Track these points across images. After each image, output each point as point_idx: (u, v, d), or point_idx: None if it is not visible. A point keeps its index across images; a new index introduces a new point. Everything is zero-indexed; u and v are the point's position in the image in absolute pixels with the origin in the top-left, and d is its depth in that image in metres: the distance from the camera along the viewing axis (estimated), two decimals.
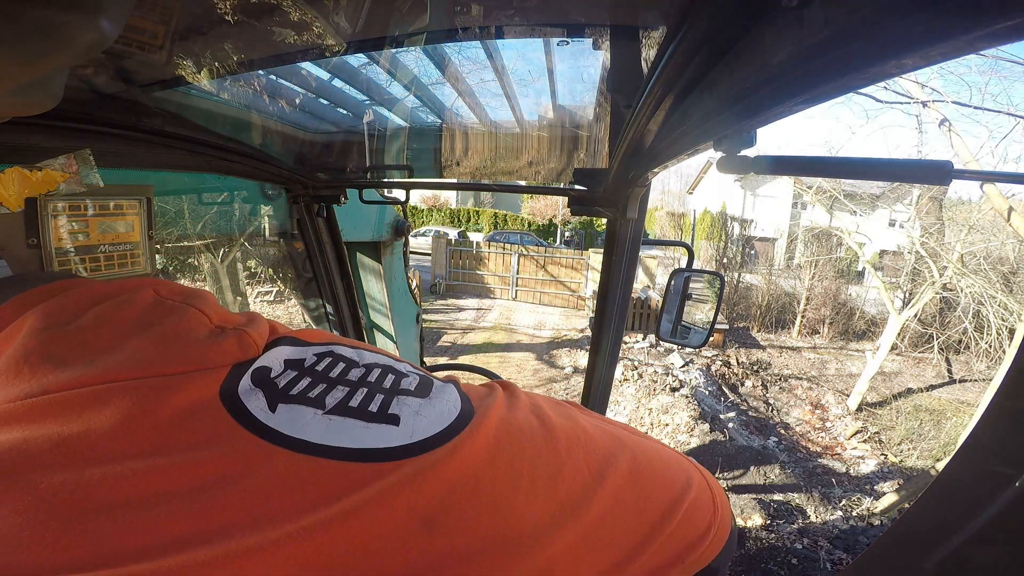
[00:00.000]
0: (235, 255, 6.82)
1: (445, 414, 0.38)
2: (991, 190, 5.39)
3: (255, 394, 0.36)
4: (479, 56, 1.00)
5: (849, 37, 0.35)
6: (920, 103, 5.88)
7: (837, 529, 4.03)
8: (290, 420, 0.34)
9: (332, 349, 0.43)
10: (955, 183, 0.42)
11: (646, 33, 0.70)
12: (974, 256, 8.01)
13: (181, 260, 9.30)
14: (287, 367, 0.40)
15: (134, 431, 0.32)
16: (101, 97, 0.87)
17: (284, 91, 1.22)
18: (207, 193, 1.62)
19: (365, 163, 1.51)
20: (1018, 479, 0.29)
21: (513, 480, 0.36)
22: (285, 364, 0.40)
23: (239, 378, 0.37)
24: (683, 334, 1.46)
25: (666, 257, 12.22)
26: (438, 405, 0.39)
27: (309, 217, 1.74)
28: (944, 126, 5.95)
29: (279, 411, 0.35)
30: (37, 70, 0.39)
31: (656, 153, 0.85)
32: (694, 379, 7.79)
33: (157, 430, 0.32)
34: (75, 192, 0.86)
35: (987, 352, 8.08)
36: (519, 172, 1.45)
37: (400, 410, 0.37)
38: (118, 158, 1.00)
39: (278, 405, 0.36)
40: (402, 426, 0.36)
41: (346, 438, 0.34)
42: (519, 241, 15.63)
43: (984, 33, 0.26)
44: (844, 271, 13.12)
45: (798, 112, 0.44)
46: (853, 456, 6.54)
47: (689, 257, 1.49)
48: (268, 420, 0.34)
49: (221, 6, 0.64)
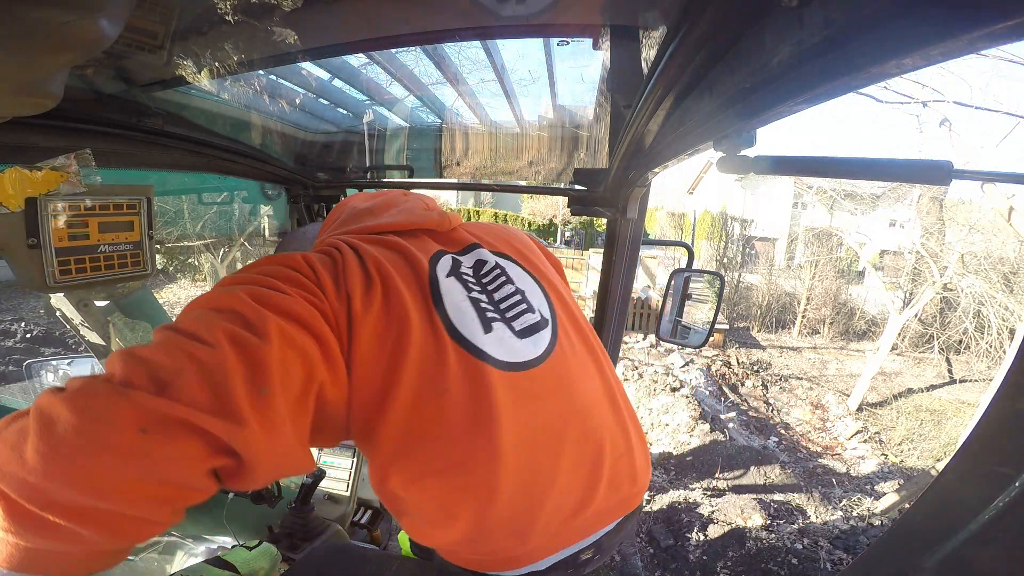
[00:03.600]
0: (235, 255, 6.83)
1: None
2: (991, 190, 5.39)
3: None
4: (479, 56, 1.00)
5: (849, 37, 0.35)
6: (920, 103, 5.88)
7: (837, 529, 4.03)
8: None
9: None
10: (956, 183, 0.42)
11: (646, 33, 0.70)
12: (974, 256, 8.01)
13: (181, 260, 9.33)
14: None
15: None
16: (101, 97, 0.87)
17: (284, 91, 1.22)
18: (207, 193, 1.62)
19: (365, 163, 1.51)
20: (1018, 479, 0.29)
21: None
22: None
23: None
24: (683, 334, 1.46)
25: (666, 257, 12.20)
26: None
27: (309, 217, 1.74)
28: (944, 126, 5.95)
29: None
30: (37, 70, 0.39)
31: (656, 153, 0.85)
32: (694, 379, 7.78)
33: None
34: (75, 192, 0.86)
35: (987, 352, 8.08)
36: (519, 172, 1.45)
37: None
38: (118, 158, 1.00)
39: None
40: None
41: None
42: None
43: (984, 33, 0.26)
44: (844, 271, 13.11)
45: (798, 112, 0.43)
46: (853, 456, 6.54)
47: (689, 257, 1.49)
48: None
49: (221, 6, 0.64)
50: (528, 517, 0.61)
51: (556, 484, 0.62)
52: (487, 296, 0.68)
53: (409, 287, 0.61)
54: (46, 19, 0.33)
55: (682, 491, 4.66)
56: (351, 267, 0.59)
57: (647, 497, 4.55)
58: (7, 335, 6.36)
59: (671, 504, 4.38)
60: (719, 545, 3.66)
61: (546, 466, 0.62)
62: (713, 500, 4.40)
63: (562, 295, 0.79)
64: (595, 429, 0.68)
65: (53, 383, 1.88)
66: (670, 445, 5.72)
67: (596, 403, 0.70)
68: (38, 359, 1.80)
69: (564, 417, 0.65)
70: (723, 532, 3.82)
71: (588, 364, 0.73)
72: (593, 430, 0.67)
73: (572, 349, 0.72)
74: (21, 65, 0.37)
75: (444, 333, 0.60)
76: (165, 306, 3.10)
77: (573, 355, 0.71)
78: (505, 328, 0.66)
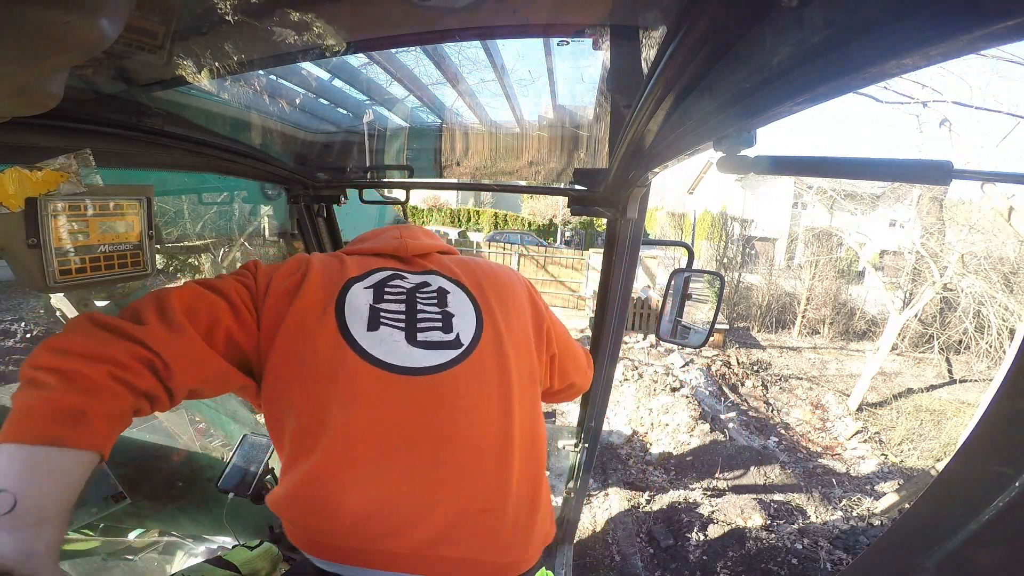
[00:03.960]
0: (235, 255, 6.82)
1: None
2: (991, 190, 5.39)
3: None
4: (479, 56, 1.00)
5: (849, 37, 0.35)
6: (920, 103, 5.87)
7: (837, 529, 4.03)
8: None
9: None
10: (956, 183, 0.42)
11: (646, 33, 0.70)
12: (974, 256, 8.00)
13: (181, 260, 9.31)
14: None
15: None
16: (101, 97, 0.87)
17: (284, 91, 1.22)
18: (207, 193, 1.62)
19: (365, 163, 1.51)
20: (1018, 479, 0.29)
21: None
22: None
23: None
24: (683, 334, 1.45)
25: (666, 257, 12.20)
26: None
27: (309, 217, 1.74)
28: (944, 126, 5.95)
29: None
30: (37, 70, 0.39)
31: (656, 153, 0.85)
32: (694, 379, 7.78)
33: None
34: (75, 192, 0.86)
35: (987, 352, 8.07)
36: (519, 172, 1.45)
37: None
38: (118, 158, 1.00)
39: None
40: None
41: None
42: (519, 241, 15.61)
43: (984, 33, 0.26)
44: (844, 271, 13.10)
45: (798, 112, 0.43)
46: (853, 456, 6.53)
47: (689, 257, 1.49)
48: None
49: (221, 6, 0.64)
50: (338, 502, 0.60)
51: (379, 489, 0.61)
52: (404, 308, 0.74)
53: (326, 283, 0.74)
54: (46, 19, 0.33)
55: (682, 491, 4.66)
56: (290, 263, 0.77)
57: (647, 497, 4.55)
58: (7, 335, 6.36)
59: (671, 504, 4.38)
60: (719, 545, 3.66)
61: (381, 467, 0.61)
62: (713, 500, 4.40)
63: (502, 338, 0.76)
64: (458, 465, 0.64)
65: None
66: (670, 445, 5.72)
67: (475, 443, 0.66)
68: None
69: (423, 433, 0.64)
70: (723, 532, 3.82)
71: (492, 406, 0.69)
72: (454, 464, 0.63)
73: (478, 383, 0.69)
74: (21, 65, 0.37)
75: (332, 314, 0.70)
76: None
77: (477, 389, 0.69)
78: (398, 334, 0.70)
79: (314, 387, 0.65)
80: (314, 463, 0.62)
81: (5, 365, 5.36)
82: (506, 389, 0.71)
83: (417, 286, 0.79)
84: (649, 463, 5.42)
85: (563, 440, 1.53)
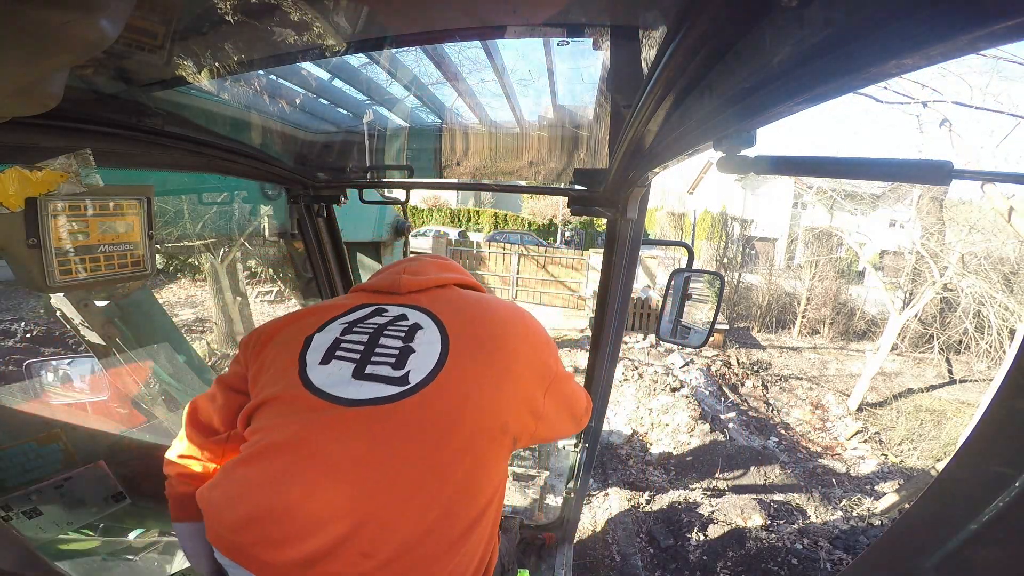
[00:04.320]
0: (235, 255, 6.83)
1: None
2: (991, 190, 5.39)
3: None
4: (479, 56, 1.00)
5: (849, 37, 0.35)
6: (920, 103, 5.88)
7: (837, 529, 4.03)
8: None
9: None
10: (956, 183, 0.42)
11: (646, 33, 0.70)
12: (974, 256, 8.01)
13: (181, 260, 9.33)
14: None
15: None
16: (101, 97, 0.87)
17: (284, 91, 1.22)
18: (207, 193, 1.62)
19: (365, 163, 1.51)
20: (1018, 479, 0.29)
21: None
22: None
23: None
24: (683, 334, 1.45)
25: (666, 257, 12.20)
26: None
27: (309, 217, 1.74)
28: (944, 126, 5.95)
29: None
30: (37, 70, 0.39)
31: (656, 153, 0.85)
32: (694, 379, 7.78)
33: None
34: (75, 192, 0.86)
35: (987, 352, 8.07)
36: (519, 172, 1.45)
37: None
38: (118, 158, 1.00)
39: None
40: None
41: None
42: (519, 241, 15.61)
43: (984, 33, 0.26)
44: (844, 271, 13.10)
45: (798, 112, 0.43)
46: (853, 456, 6.53)
47: (689, 257, 1.49)
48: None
49: (221, 6, 0.64)
50: (236, 498, 0.65)
51: (275, 497, 0.62)
52: (366, 341, 0.76)
53: (298, 333, 0.81)
54: (46, 19, 0.33)
55: (682, 491, 4.66)
56: (264, 330, 0.87)
57: (647, 497, 4.56)
58: (7, 335, 6.36)
59: (671, 504, 4.38)
60: (719, 545, 3.67)
61: (286, 478, 0.63)
62: (713, 500, 4.40)
63: (465, 385, 0.71)
64: (365, 494, 0.62)
65: (53, 383, 1.88)
66: (670, 445, 5.72)
67: (391, 478, 0.63)
68: (38, 359, 1.80)
69: (338, 458, 0.63)
70: (723, 532, 3.82)
71: (424, 447, 0.66)
72: (361, 492, 0.62)
73: (416, 422, 0.66)
74: (21, 65, 0.37)
75: (297, 352, 0.76)
76: (165, 306, 3.10)
77: (412, 427, 0.66)
78: (347, 368, 0.72)
79: (262, 412, 0.73)
80: (233, 463, 0.70)
81: (5, 365, 5.36)
82: (448, 434, 0.67)
83: (393, 320, 0.80)
84: (649, 463, 5.42)
85: (563, 440, 1.53)
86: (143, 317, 1.65)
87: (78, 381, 1.82)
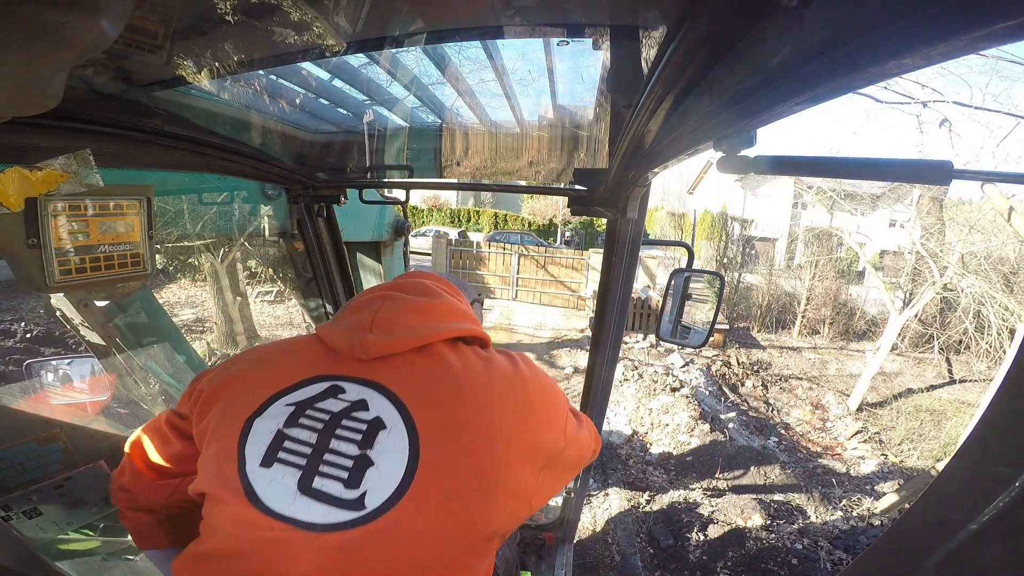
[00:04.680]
0: (235, 255, 6.83)
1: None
2: (991, 190, 5.39)
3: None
4: (479, 56, 1.00)
5: (849, 37, 0.35)
6: (920, 103, 5.88)
7: (837, 529, 4.03)
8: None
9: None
10: (956, 183, 0.42)
11: (646, 33, 0.70)
12: (975, 256, 8.01)
13: (181, 260, 9.32)
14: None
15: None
16: (101, 97, 0.87)
17: (284, 91, 1.22)
18: (207, 193, 1.62)
19: (365, 163, 1.51)
20: (1018, 479, 0.29)
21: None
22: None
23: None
24: (683, 334, 1.46)
25: (666, 257, 12.20)
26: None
27: (309, 217, 1.74)
28: (944, 126, 5.95)
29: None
30: (37, 70, 0.39)
31: (656, 153, 0.85)
32: (694, 379, 7.78)
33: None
34: (75, 192, 0.86)
35: (987, 352, 8.07)
36: (519, 172, 1.45)
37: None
38: (118, 158, 1.00)
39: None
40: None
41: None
42: (519, 241, 15.61)
43: (984, 33, 0.26)
44: (844, 271, 13.10)
45: (798, 112, 0.43)
46: (853, 456, 6.54)
47: (689, 257, 1.49)
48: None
49: (221, 6, 0.64)
50: None
51: None
52: (315, 441, 0.60)
53: (241, 405, 0.66)
54: (46, 19, 0.33)
55: (682, 491, 4.66)
56: (210, 383, 0.74)
57: (647, 497, 4.56)
58: (7, 335, 6.36)
59: (671, 504, 4.38)
60: (719, 545, 3.67)
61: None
62: (713, 500, 4.40)
63: (439, 505, 0.58)
64: None
65: (53, 383, 1.89)
66: (670, 445, 5.72)
67: None
68: (38, 359, 1.80)
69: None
70: (723, 532, 3.82)
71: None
72: None
73: (365, 565, 0.55)
74: (21, 65, 0.37)
75: (235, 438, 0.62)
76: (165, 306, 3.09)
77: (369, 565, 0.55)
78: (291, 476, 0.58)
79: (207, 507, 0.63)
80: (190, 560, 0.61)
81: (5, 365, 5.36)
82: (419, 569, 0.57)
83: (349, 408, 0.62)
84: (649, 463, 5.42)
85: None
86: (143, 317, 1.65)
87: (78, 381, 1.82)
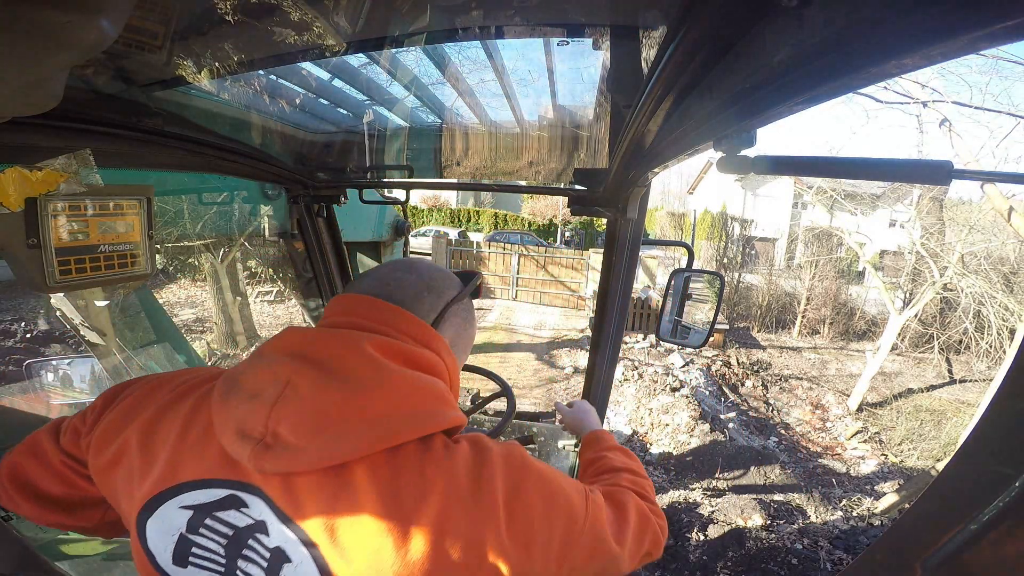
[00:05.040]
0: (235, 255, 6.83)
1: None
2: (991, 190, 5.39)
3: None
4: (479, 56, 1.00)
5: (849, 37, 0.35)
6: (920, 103, 5.88)
7: (837, 529, 4.03)
8: None
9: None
10: (956, 183, 0.42)
11: (646, 33, 0.70)
12: (975, 256, 8.01)
13: (181, 260, 9.32)
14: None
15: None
16: (101, 97, 0.87)
17: (284, 91, 1.22)
18: (207, 193, 1.62)
19: (365, 163, 1.51)
20: (1018, 479, 0.29)
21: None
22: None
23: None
24: (683, 334, 1.46)
25: (666, 257, 12.20)
26: None
27: (309, 217, 1.74)
28: (944, 126, 5.95)
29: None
30: (37, 70, 0.39)
31: (656, 153, 0.85)
32: (694, 379, 7.78)
33: None
34: (75, 192, 0.86)
35: (987, 352, 8.07)
36: (519, 172, 1.45)
37: None
38: (118, 158, 1.00)
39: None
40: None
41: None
42: (519, 241, 15.60)
43: (984, 33, 0.26)
44: (844, 271, 13.10)
45: (798, 112, 0.43)
46: (853, 456, 6.54)
47: (689, 257, 1.49)
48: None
49: (221, 6, 0.64)
50: None
51: None
52: (224, 553, 0.48)
53: (135, 487, 0.52)
54: (46, 19, 0.33)
55: (682, 491, 4.66)
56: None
57: None
58: (7, 335, 6.36)
59: (671, 504, 4.38)
60: (719, 545, 3.67)
61: None
62: (713, 500, 4.40)
63: None
64: None
65: (53, 383, 1.89)
66: (670, 445, 5.72)
67: None
68: (38, 359, 1.80)
69: None
70: (723, 532, 3.82)
71: None
72: None
73: None
74: (21, 65, 0.37)
75: (134, 519, 0.51)
76: (165, 306, 3.08)
77: None
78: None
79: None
80: None
81: (5, 365, 5.36)
82: None
83: (254, 526, 0.48)
84: (649, 463, 5.42)
85: (563, 440, 1.53)
86: (143, 317, 1.65)
87: (78, 381, 1.82)
